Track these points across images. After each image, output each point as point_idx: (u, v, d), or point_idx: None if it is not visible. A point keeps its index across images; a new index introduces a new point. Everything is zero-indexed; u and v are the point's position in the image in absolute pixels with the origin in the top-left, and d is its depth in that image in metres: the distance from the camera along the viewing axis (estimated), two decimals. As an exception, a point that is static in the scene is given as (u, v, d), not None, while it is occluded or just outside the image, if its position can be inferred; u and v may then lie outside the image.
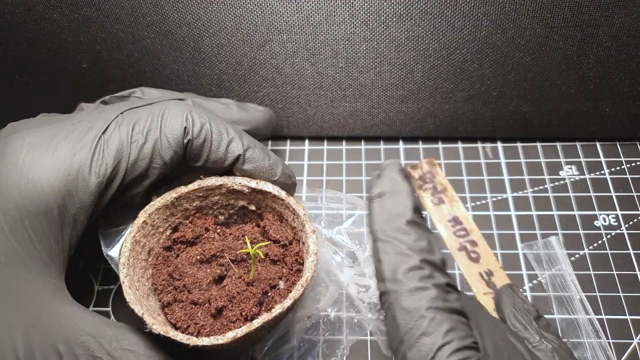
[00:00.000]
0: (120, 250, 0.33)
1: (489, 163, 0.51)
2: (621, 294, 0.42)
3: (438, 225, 0.47)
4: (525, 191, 0.49)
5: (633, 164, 0.50)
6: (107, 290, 0.44)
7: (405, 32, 0.45)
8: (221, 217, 0.38)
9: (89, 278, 0.44)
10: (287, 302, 0.30)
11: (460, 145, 0.52)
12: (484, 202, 0.48)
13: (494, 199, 0.48)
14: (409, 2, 0.43)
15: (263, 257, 0.35)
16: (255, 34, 0.45)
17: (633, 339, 0.40)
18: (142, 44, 0.46)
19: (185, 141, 0.34)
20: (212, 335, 0.31)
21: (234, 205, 0.38)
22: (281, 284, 0.35)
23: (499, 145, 0.52)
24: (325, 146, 0.53)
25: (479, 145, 0.52)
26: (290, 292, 0.33)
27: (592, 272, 0.43)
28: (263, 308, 0.33)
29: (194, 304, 0.34)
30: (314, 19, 0.44)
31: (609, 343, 0.39)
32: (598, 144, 0.52)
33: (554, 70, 0.46)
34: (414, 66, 0.47)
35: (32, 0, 0.44)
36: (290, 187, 0.38)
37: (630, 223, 0.46)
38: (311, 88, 0.49)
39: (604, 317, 0.41)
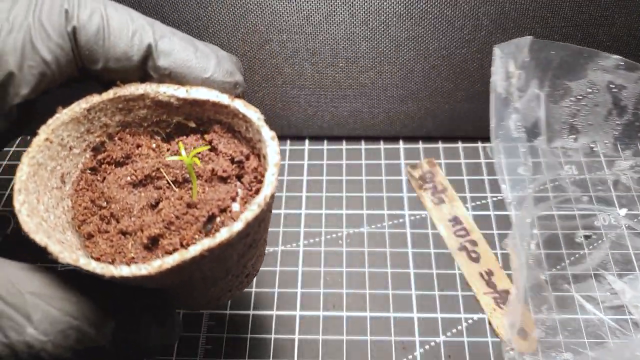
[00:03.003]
0: (15, 176, 0.26)
1: (489, 163, 0.51)
2: (621, 294, 0.42)
3: (438, 225, 0.47)
4: (526, 191, 0.49)
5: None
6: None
7: (406, 32, 0.45)
8: (157, 137, 0.31)
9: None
10: (237, 225, 0.23)
11: (460, 145, 0.52)
12: (484, 202, 0.48)
13: (494, 199, 0.48)
14: (409, 2, 0.43)
15: (198, 164, 0.28)
16: (255, 33, 0.45)
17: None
18: (142, 43, 0.46)
19: (69, 29, 0.27)
20: None
21: (168, 122, 0.31)
22: (235, 207, 0.27)
23: (499, 145, 0.52)
24: (325, 146, 0.53)
25: (479, 145, 0.52)
26: None
27: (591, 272, 0.43)
28: (210, 236, 0.25)
29: (123, 234, 0.27)
30: (314, 19, 0.44)
31: (609, 343, 0.39)
32: (598, 144, 0.51)
33: (554, 70, 0.46)
34: (414, 66, 0.47)
35: (31, 0, 0.44)
36: (232, 88, 0.29)
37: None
38: (311, 88, 0.49)
39: (604, 317, 0.41)
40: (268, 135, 0.27)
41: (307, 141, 0.54)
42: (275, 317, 0.42)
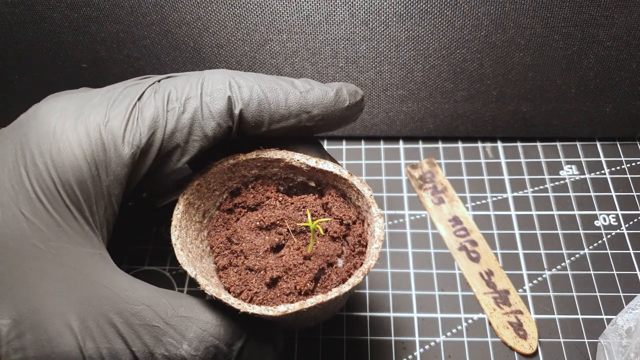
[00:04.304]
0: (173, 213, 0.32)
1: (489, 163, 0.51)
2: (621, 294, 0.42)
3: (438, 225, 0.47)
4: (525, 191, 0.49)
5: (633, 164, 0.50)
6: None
7: (406, 32, 0.45)
8: (281, 188, 0.37)
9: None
10: (345, 287, 0.29)
11: (460, 145, 0.52)
12: (484, 202, 0.48)
13: (494, 198, 0.48)
14: (409, 2, 0.43)
15: (323, 232, 0.34)
16: (255, 33, 0.45)
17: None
18: (142, 44, 0.46)
19: (236, 112, 0.31)
20: (264, 304, 0.31)
21: (293, 180, 0.36)
22: (339, 263, 0.33)
23: (499, 144, 0.52)
24: (325, 146, 0.53)
25: (479, 145, 0.52)
26: (349, 273, 0.32)
27: (592, 272, 0.43)
28: (318, 285, 0.32)
29: (249, 270, 0.33)
30: (314, 19, 0.44)
31: (610, 343, 0.39)
32: (598, 144, 0.52)
33: (554, 70, 0.46)
34: (414, 66, 0.47)
35: None
36: (359, 103, 0.35)
37: (630, 223, 0.46)
38: (311, 88, 0.49)
39: (604, 317, 0.41)
40: (377, 212, 0.32)
41: (307, 141, 0.54)
42: (275, 317, 0.42)
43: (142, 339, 0.28)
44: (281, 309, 0.28)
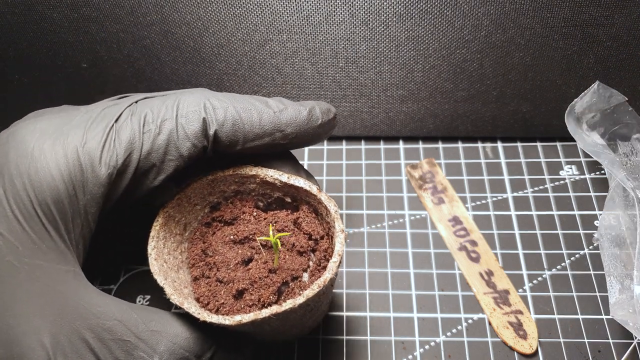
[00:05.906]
0: (152, 224, 0.34)
1: (489, 163, 0.51)
2: (621, 294, 0.42)
3: (438, 225, 0.47)
4: (525, 191, 0.49)
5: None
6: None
7: (406, 32, 0.45)
8: (260, 204, 0.38)
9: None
10: (299, 300, 0.30)
11: (460, 145, 0.52)
12: (484, 202, 0.48)
13: (494, 198, 0.48)
14: (409, 2, 0.43)
15: (281, 247, 0.35)
16: (255, 33, 0.45)
17: (633, 339, 0.40)
18: (142, 43, 0.46)
19: (211, 132, 0.32)
20: (230, 314, 0.32)
21: (270, 195, 0.38)
22: (305, 277, 0.34)
23: (499, 145, 0.52)
24: (325, 146, 0.53)
25: (479, 145, 0.52)
26: None
27: (592, 272, 0.43)
28: (282, 298, 0.33)
29: (219, 282, 0.34)
30: (314, 19, 0.44)
31: (609, 343, 0.39)
32: (598, 144, 0.52)
33: (554, 70, 0.46)
34: (414, 66, 0.47)
35: None
36: (332, 121, 0.36)
37: (631, 223, 0.46)
38: (311, 88, 0.49)
39: (603, 317, 0.41)
40: (339, 227, 0.33)
41: (307, 141, 0.54)
42: (275, 317, 0.42)
43: (114, 354, 0.28)
44: (237, 319, 0.29)
